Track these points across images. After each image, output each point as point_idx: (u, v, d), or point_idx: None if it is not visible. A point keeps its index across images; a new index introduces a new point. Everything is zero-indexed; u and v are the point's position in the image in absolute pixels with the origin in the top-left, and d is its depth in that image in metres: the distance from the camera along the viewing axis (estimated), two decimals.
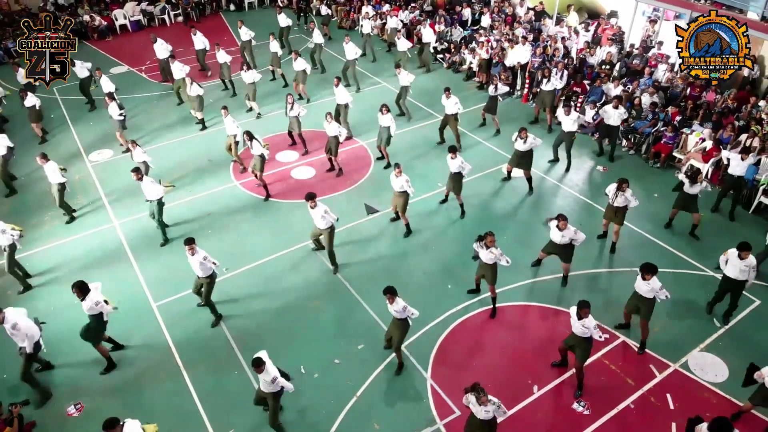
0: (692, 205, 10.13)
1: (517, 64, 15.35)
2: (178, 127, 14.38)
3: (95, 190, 12.02)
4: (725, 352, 8.26)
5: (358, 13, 20.83)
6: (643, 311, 7.96)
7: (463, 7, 19.17)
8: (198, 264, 8.28)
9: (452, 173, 10.64)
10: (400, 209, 10.35)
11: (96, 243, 10.58)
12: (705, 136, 12.12)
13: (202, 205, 11.48)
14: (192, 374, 8.05)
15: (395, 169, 9.96)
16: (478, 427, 6.39)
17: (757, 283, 9.30)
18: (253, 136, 11.24)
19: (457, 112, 12.74)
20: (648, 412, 7.47)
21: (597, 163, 12.82)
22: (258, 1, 23.22)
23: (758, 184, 11.08)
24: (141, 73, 17.44)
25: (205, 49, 16.71)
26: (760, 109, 12.16)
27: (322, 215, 9.22)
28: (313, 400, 7.66)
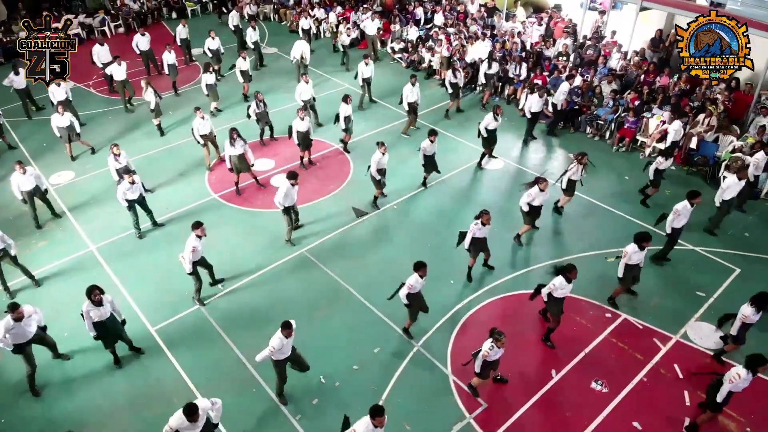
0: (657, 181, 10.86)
1: (478, 59, 15.68)
2: (141, 141, 13.75)
3: (63, 215, 11.31)
4: (716, 319, 8.76)
5: (308, 17, 20.63)
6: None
7: (415, 6, 19.37)
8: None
9: (427, 156, 11.23)
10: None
11: (75, 271, 9.95)
12: (665, 118, 12.82)
13: (180, 222, 11.00)
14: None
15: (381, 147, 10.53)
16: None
17: (735, 252, 9.98)
18: (239, 134, 11.12)
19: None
20: (660, 384, 7.84)
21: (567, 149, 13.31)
22: (201, 8, 22.56)
23: (720, 160, 11.84)
24: (89, 88, 16.55)
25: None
26: (713, 90, 12.98)
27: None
28: (339, 410, 7.51)
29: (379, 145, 10.60)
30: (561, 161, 12.88)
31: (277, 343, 6.91)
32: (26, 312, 7.48)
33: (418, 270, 7.83)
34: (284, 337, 6.94)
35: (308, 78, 13.41)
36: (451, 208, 11.32)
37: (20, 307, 7.42)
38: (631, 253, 8.25)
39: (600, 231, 10.65)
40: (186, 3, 22.16)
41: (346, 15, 19.71)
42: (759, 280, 9.44)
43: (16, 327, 7.35)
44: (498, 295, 9.30)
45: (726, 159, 11.72)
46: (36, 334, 7.69)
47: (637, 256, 8.31)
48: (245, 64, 14.79)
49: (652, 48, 15.10)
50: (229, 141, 11.01)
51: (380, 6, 20.87)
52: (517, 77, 15.18)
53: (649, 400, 7.61)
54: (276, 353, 7.02)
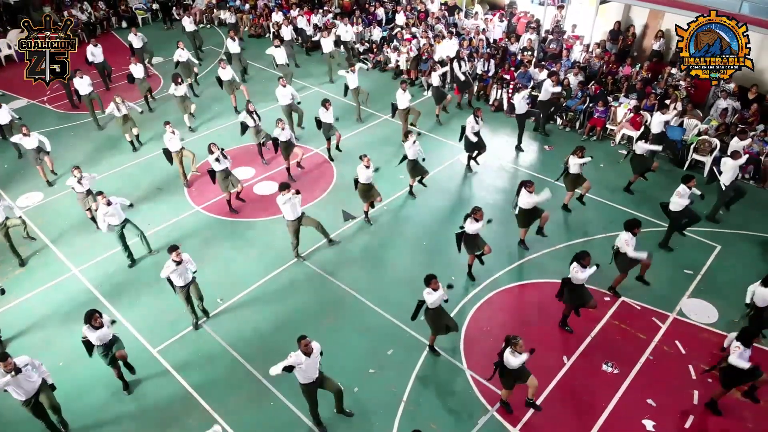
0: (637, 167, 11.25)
1: (446, 57, 15.84)
2: (110, 156, 13.19)
3: (38, 238, 10.71)
4: (707, 294, 9.23)
5: (267, 20, 20.35)
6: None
7: (376, 6, 19.40)
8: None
9: (410, 159, 11.08)
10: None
11: (60, 297, 9.44)
12: (632, 106, 13.35)
13: (166, 238, 10.64)
14: (225, 414, 7.52)
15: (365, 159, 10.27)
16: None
17: (713, 230, 10.51)
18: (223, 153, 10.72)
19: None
20: (666, 360, 8.17)
21: (543, 142, 13.65)
22: (152, 16, 21.82)
23: (687, 143, 12.43)
24: (44, 105, 15.73)
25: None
26: (674, 77, 13.62)
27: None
28: (362, 415, 7.49)
29: (362, 158, 10.30)
30: (538, 156, 13.22)
31: (297, 358, 6.52)
32: (20, 362, 6.64)
33: (429, 284, 7.54)
34: (303, 353, 6.51)
35: (285, 82, 13.15)
36: (441, 206, 11.40)
37: (9, 357, 6.52)
38: (630, 241, 8.49)
39: (585, 218, 10.97)
40: (136, 12, 21.40)
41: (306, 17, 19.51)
42: (739, 254, 10.03)
43: (11, 382, 6.54)
44: (500, 287, 9.44)
45: (693, 142, 12.31)
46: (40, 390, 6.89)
47: (634, 242, 8.58)
48: (226, 74, 14.29)
49: (611, 40, 15.68)
50: (213, 157, 10.53)
51: (338, 8, 20.80)
52: (486, 73, 15.44)
53: (658, 377, 7.92)
54: (300, 373, 6.64)
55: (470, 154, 12.32)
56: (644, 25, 15.89)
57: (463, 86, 14.94)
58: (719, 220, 10.73)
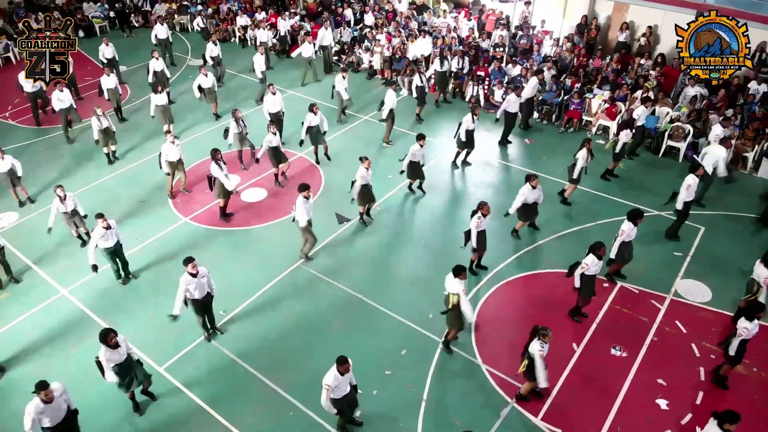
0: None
1: (421, 56, 15.95)
2: (84, 171, 12.67)
3: (18, 261, 10.19)
4: (698, 274, 9.63)
5: (233, 24, 19.99)
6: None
7: (344, 7, 19.32)
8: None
9: (411, 162, 11.10)
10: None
11: (51, 319, 9.01)
12: (606, 97, 13.77)
13: (156, 252, 10.33)
14: (244, 429, 7.34)
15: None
16: None
17: (694, 213, 10.93)
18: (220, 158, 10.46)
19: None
20: (669, 340, 8.47)
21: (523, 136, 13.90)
22: (109, 24, 21.08)
23: (661, 130, 12.90)
24: (7, 120, 14.98)
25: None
26: (643, 67, 14.11)
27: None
28: (384, 417, 7.46)
29: (362, 159, 10.24)
30: (520, 150, 13.47)
31: (331, 380, 6.42)
32: (56, 390, 6.39)
33: (458, 275, 7.55)
34: (339, 374, 6.43)
35: (275, 89, 12.85)
36: (433, 204, 11.48)
37: (49, 386, 6.28)
38: (628, 231, 8.74)
39: (573, 208, 11.25)
40: (93, 20, 20.63)
41: (271, 20, 19.26)
42: (723, 233, 10.51)
43: (46, 409, 6.31)
44: (503, 280, 9.57)
45: (667, 129, 12.80)
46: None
47: (633, 232, 8.83)
48: (207, 81, 13.93)
49: (578, 33, 16.11)
50: (215, 163, 10.30)
51: (303, 10, 20.62)
52: (461, 71, 15.60)
53: (665, 357, 8.20)
54: (334, 391, 6.52)
55: (459, 151, 12.44)
56: (608, 17, 16.39)
57: (441, 84, 15.07)
58: (704, 204, 11.19)
